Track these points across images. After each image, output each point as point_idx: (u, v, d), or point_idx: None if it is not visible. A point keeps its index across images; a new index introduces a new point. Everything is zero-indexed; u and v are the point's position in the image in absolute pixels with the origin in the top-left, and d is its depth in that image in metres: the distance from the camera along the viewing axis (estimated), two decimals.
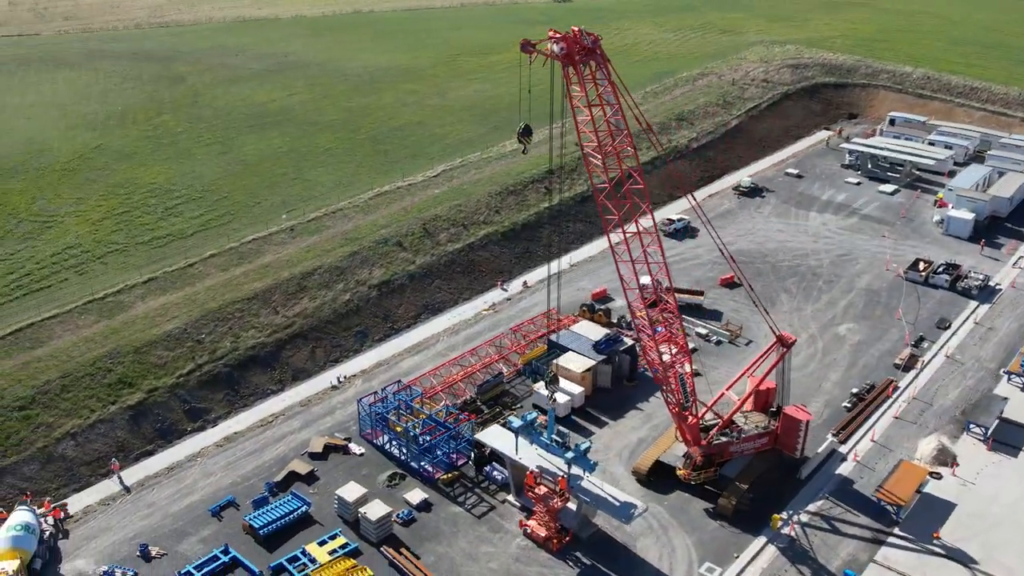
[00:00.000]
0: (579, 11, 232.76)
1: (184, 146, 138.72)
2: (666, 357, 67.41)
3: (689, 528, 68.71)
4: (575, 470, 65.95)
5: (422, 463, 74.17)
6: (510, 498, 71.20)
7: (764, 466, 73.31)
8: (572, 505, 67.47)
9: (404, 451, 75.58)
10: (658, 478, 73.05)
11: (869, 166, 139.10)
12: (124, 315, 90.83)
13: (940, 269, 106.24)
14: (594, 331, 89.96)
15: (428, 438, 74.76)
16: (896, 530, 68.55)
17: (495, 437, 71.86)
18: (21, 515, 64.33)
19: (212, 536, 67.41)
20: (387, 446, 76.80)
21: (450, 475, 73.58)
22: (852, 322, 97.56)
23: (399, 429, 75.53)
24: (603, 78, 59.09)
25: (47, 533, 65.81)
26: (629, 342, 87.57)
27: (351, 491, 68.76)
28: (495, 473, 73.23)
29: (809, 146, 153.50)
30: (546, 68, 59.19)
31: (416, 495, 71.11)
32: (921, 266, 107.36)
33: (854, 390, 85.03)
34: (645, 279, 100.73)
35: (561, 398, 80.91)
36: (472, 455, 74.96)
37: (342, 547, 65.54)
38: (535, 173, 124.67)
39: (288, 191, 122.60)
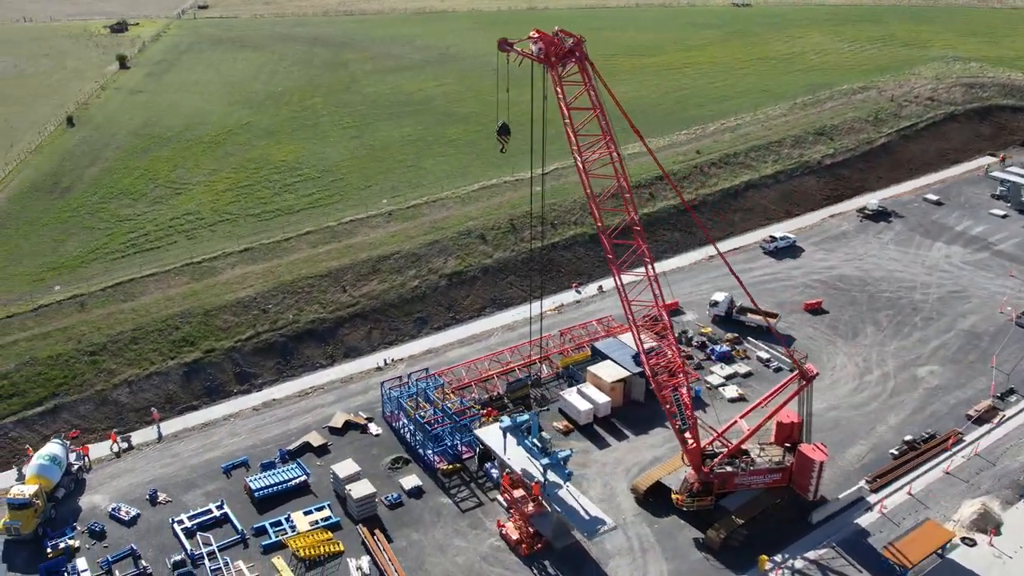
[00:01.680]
0: (754, 16, 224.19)
1: (323, 128, 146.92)
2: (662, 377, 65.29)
3: (671, 555, 66.06)
4: (552, 477, 65.17)
5: (427, 451, 75.54)
6: (500, 497, 71.23)
7: (770, 503, 69.24)
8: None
9: (415, 437, 77.29)
10: (657, 499, 70.68)
11: (1022, 198, 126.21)
12: (210, 279, 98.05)
13: None
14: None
15: (431, 428, 75.86)
16: None
17: (492, 434, 71.95)
18: (51, 447, 71.40)
19: (216, 491, 71.99)
20: (402, 430, 78.80)
21: (451, 466, 74.51)
22: (937, 365, 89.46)
23: (411, 415, 77.26)
24: (587, 80, 58.47)
25: (75, 467, 72.70)
26: None
27: (345, 468, 71.22)
28: (492, 470, 73.47)
29: (965, 172, 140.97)
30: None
31: (411, 481, 72.56)
32: None
33: (908, 437, 78.23)
34: (719, 295, 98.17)
35: (582, 405, 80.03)
36: (477, 450, 75.52)
37: (324, 519, 68.22)
38: (644, 177, 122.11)
39: (400, 177, 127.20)
